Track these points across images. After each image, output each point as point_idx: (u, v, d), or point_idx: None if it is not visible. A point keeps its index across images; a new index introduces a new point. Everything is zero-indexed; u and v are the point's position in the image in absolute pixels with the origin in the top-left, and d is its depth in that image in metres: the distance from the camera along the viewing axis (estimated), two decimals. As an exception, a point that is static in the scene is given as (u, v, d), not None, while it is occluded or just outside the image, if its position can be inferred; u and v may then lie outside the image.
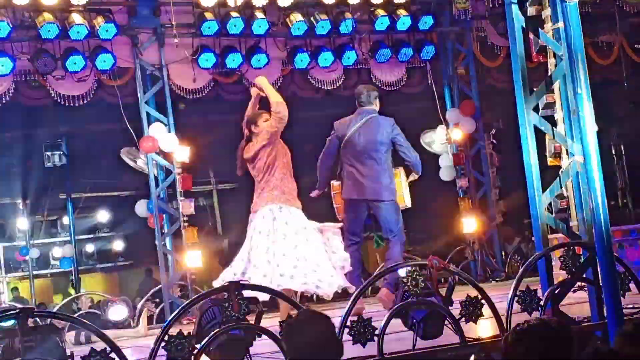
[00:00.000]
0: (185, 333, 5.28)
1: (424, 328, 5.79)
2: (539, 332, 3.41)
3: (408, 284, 5.77)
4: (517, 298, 5.98)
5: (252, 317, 5.61)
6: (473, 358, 4.06)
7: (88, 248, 15.76)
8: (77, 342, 8.96)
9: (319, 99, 12.25)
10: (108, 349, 5.02)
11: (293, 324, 3.89)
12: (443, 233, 12.44)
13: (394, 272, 7.11)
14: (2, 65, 9.76)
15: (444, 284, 6.09)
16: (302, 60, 11.25)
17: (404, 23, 11.49)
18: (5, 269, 14.55)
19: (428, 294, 5.81)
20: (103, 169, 14.48)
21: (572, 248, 6.32)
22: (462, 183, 12.30)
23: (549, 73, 6.56)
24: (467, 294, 5.95)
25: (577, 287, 6.64)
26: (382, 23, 11.40)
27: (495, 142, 12.36)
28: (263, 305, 5.84)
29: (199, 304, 5.68)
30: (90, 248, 15.69)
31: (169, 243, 11.08)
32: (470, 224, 12.11)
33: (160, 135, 10.68)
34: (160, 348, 5.20)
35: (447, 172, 12.39)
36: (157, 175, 10.98)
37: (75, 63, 10.12)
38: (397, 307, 5.80)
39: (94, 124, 12.82)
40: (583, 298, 6.67)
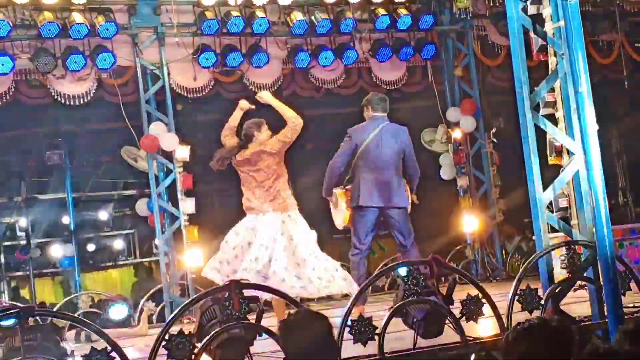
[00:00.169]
0: (186, 332, 5.28)
1: (425, 327, 5.80)
2: (540, 331, 3.41)
3: (409, 283, 5.77)
4: (517, 297, 5.99)
5: (252, 316, 5.62)
6: (474, 357, 4.04)
7: (88, 247, 15.72)
8: (77, 341, 8.96)
9: (320, 98, 12.23)
10: (109, 348, 5.03)
11: (290, 324, 3.88)
12: (443, 232, 12.39)
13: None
14: (2, 64, 9.73)
15: (445, 283, 6.09)
16: (302, 59, 11.22)
17: (405, 22, 11.47)
18: (6, 268, 14.51)
19: (429, 293, 5.81)
20: (103, 168, 14.46)
21: (572, 247, 6.33)
22: (462, 182, 12.27)
23: (550, 72, 6.56)
24: (467, 293, 5.96)
25: (577, 286, 6.65)
26: (382, 22, 11.38)
27: (496, 140, 12.33)
28: (263, 305, 5.85)
29: (200, 303, 5.69)
30: (91, 247, 15.64)
31: (170, 242, 11.07)
32: (471, 223, 12.09)
33: (161, 134, 10.67)
34: (161, 347, 5.20)
35: (447, 170, 12.37)
36: (157, 174, 10.98)
37: (76, 62, 10.09)
38: (397, 305, 5.80)
39: (95, 123, 12.77)
40: (583, 297, 6.68)
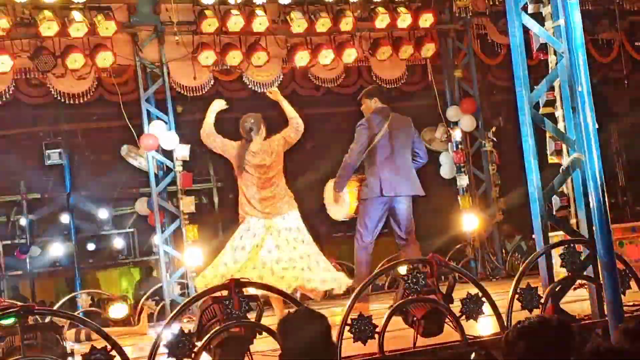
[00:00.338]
0: (186, 331, 5.28)
1: (425, 326, 5.79)
2: (540, 329, 3.41)
3: (409, 282, 5.77)
4: (517, 296, 5.98)
5: (252, 314, 5.62)
6: (474, 356, 4.05)
7: (88, 246, 15.72)
8: (77, 340, 8.96)
9: (319, 97, 12.22)
10: (108, 347, 5.03)
11: (288, 322, 3.87)
12: (443, 231, 12.39)
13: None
14: (1, 63, 9.74)
15: (445, 282, 6.09)
16: (302, 58, 11.22)
17: (405, 21, 11.47)
18: (6, 267, 14.52)
19: (429, 292, 5.81)
20: (103, 167, 14.45)
21: (572, 245, 6.32)
22: (462, 181, 12.28)
23: (550, 70, 6.56)
24: (467, 292, 5.95)
25: (577, 284, 6.65)
26: (382, 21, 11.38)
27: (496, 139, 12.33)
28: (264, 304, 5.85)
29: (200, 302, 5.68)
30: (91, 246, 15.65)
31: (170, 241, 11.07)
32: (471, 222, 12.09)
33: (161, 133, 10.66)
34: (161, 346, 5.20)
35: (447, 170, 12.37)
36: (157, 173, 10.97)
37: (76, 61, 10.09)
38: (397, 304, 5.80)
39: (94, 122, 12.79)
40: (583, 295, 6.68)
